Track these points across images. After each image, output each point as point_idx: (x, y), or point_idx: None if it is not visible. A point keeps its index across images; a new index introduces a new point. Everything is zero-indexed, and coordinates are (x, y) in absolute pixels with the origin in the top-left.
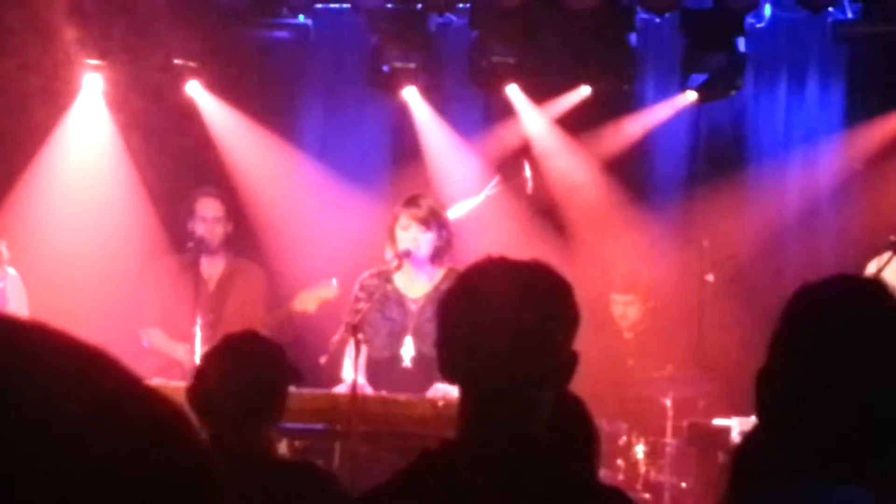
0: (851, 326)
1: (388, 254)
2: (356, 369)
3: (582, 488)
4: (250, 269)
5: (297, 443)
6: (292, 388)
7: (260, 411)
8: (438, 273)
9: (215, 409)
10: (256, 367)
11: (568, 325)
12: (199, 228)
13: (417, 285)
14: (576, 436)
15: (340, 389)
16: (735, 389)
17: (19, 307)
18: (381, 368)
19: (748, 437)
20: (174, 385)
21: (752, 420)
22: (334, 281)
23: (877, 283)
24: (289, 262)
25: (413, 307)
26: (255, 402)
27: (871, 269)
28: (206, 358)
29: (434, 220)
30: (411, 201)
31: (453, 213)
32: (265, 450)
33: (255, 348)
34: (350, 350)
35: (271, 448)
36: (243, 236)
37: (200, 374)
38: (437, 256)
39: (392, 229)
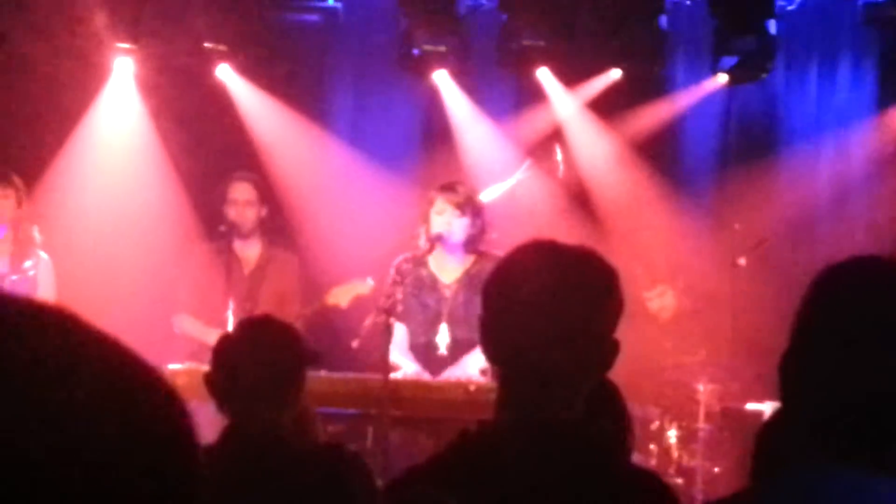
0: (875, 308)
1: (421, 237)
2: (389, 352)
3: (618, 472)
4: (285, 257)
5: (330, 427)
6: (324, 373)
7: (277, 395)
8: (469, 258)
9: (233, 394)
10: (272, 351)
11: (612, 313)
12: (231, 212)
13: (449, 270)
14: (610, 420)
15: (398, 375)
16: (767, 373)
17: (48, 291)
18: (418, 355)
19: (771, 420)
20: (204, 369)
21: None
22: (370, 280)
23: None
24: (320, 246)
25: (447, 293)
26: (271, 385)
27: None
28: (223, 342)
29: (470, 206)
30: (448, 186)
31: (485, 197)
32: (288, 432)
33: (267, 331)
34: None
35: (307, 430)
36: (274, 220)
37: (217, 359)
38: (469, 243)
39: (427, 213)
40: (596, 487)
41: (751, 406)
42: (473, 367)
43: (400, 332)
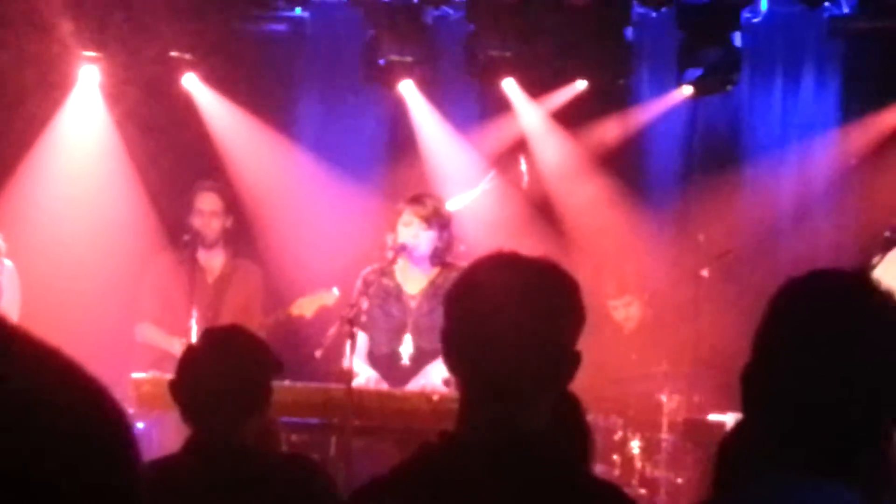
0: (835, 321)
1: (388, 247)
2: (351, 362)
3: (579, 484)
4: (249, 268)
5: (293, 437)
6: (288, 383)
7: (242, 404)
8: (435, 269)
9: (198, 403)
10: (237, 361)
11: (574, 324)
12: (197, 222)
13: (415, 281)
14: (570, 432)
15: (360, 381)
16: (730, 385)
17: (12, 298)
18: (381, 365)
19: (733, 431)
20: (168, 378)
21: None
22: (335, 290)
23: (862, 278)
24: (285, 256)
25: (412, 303)
26: (236, 396)
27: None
28: (189, 352)
29: (437, 219)
30: (416, 199)
31: (450, 207)
32: (251, 442)
33: (235, 342)
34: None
35: (268, 441)
36: (239, 230)
37: (182, 368)
38: (435, 256)
39: (394, 224)
40: (557, 499)
41: (713, 417)
42: (436, 376)
43: (362, 340)
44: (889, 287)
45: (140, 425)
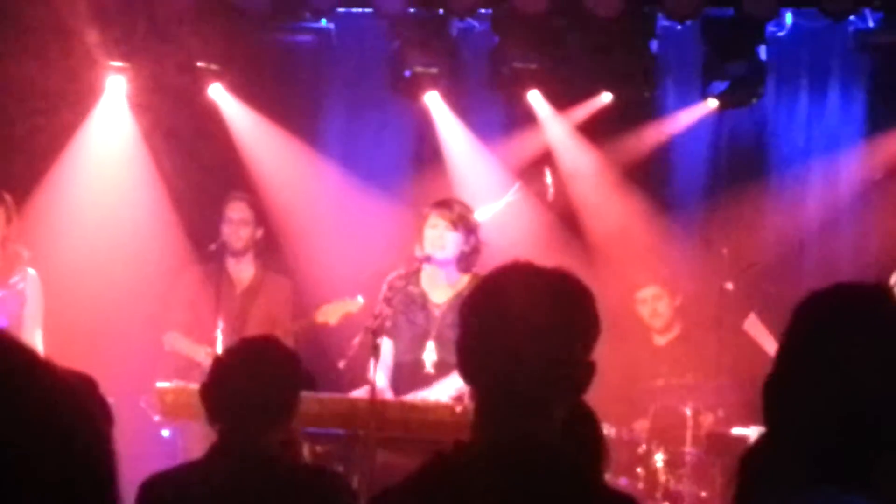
0: (858, 334)
1: (417, 253)
2: (374, 373)
3: (592, 495)
4: (278, 280)
5: (317, 447)
6: (312, 393)
7: (270, 414)
8: (463, 280)
9: (227, 409)
10: (269, 371)
11: (588, 335)
12: (225, 230)
13: (441, 290)
14: (585, 443)
15: (360, 393)
16: (754, 398)
17: (35, 307)
18: (405, 372)
19: (756, 443)
20: (192, 387)
21: None
22: (360, 298)
23: (884, 291)
24: (311, 266)
25: (436, 312)
26: (265, 405)
27: (893, 279)
28: (221, 359)
29: (463, 224)
30: (443, 203)
31: (475, 217)
32: (276, 452)
33: (269, 352)
34: (372, 353)
35: (291, 451)
36: (269, 242)
37: (214, 375)
38: (462, 261)
39: (421, 228)
40: None
41: (737, 431)
42: (445, 392)
43: (387, 348)
44: None
45: (165, 433)
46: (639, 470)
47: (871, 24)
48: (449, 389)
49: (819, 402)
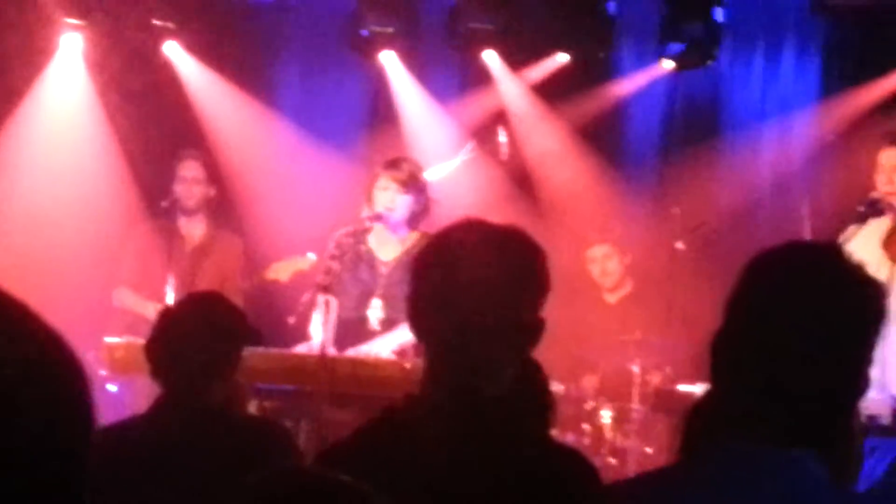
0: (805, 293)
1: (364, 213)
2: (325, 330)
3: (538, 448)
4: (229, 239)
5: (266, 403)
6: (261, 349)
7: (213, 368)
8: (411, 237)
9: (170, 364)
10: (211, 325)
11: (538, 292)
12: (178, 188)
13: (389, 248)
14: (533, 399)
15: (303, 348)
16: (702, 356)
17: None
18: (349, 329)
19: (701, 400)
20: (141, 343)
21: None
22: (311, 255)
23: (833, 250)
24: (265, 223)
25: (383, 270)
26: (208, 359)
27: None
28: (164, 313)
29: (413, 184)
30: (393, 163)
31: (429, 177)
32: (219, 406)
33: (211, 307)
34: (319, 309)
35: (235, 405)
36: (220, 198)
37: (157, 330)
38: (412, 220)
39: (370, 189)
40: (518, 463)
41: (684, 388)
42: (387, 346)
43: (333, 304)
44: (859, 260)
45: (113, 388)
46: (585, 426)
47: None
48: (391, 344)
49: (766, 359)
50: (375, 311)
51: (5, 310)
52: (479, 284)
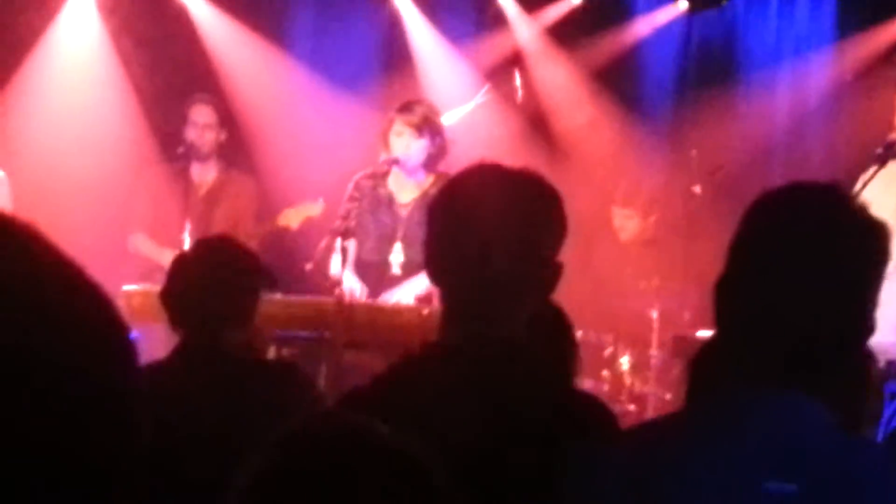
0: (808, 233)
1: (382, 157)
2: (342, 274)
3: (558, 393)
4: (241, 180)
5: (284, 350)
6: (279, 296)
7: (229, 314)
8: (429, 179)
9: (186, 311)
10: (225, 271)
11: (554, 235)
12: (191, 134)
13: (408, 190)
14: (555, 343)
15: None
16: None
17: (4, 206)
18: (370, 272)
19: (707, 344)
20: (156, 289)
21: None
22: (321, 200)
23: (836, 190)
24: (279, 168)
25: (403, 213)
26: (224, 306)
27: (858, 184)
28: (178, 260)
29: (428, 127)
30: (406, 107)
31: (444, 120)
32: (238, 351)
33: (224, 252)
34: (337, 254)
35: (254, 351)
36: (234, 143)
37: (171, 276)
38: (429, 163)
39: (386, 134)
40: (535, 409)
41: (702, 334)
42: (411, 292)
43: (351, 247)
44: (864, 201)
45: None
46: (604, 373)
47: None
48: (415, 290)
49: (772, 303)
50: (397, 256)
51: (54, 264)
52: (495, 227)
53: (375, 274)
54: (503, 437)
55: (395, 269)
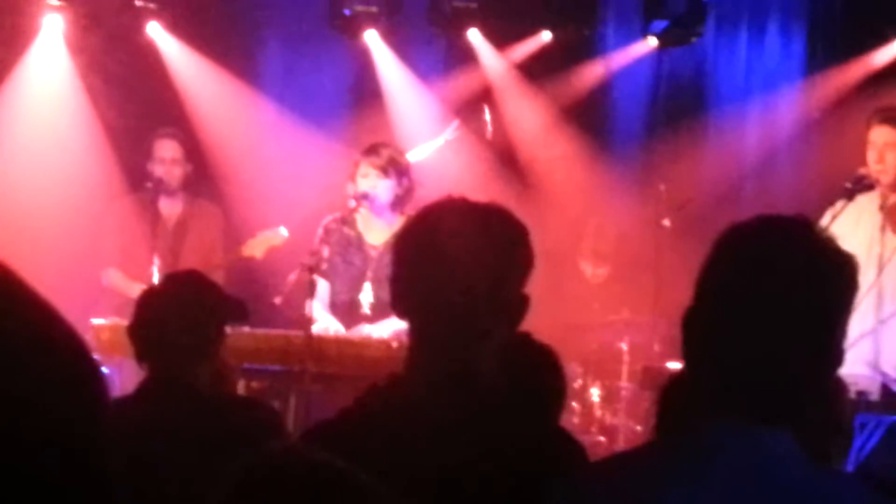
0: (776, 266)
1: (349, 191)
2: (311, 308)
3: (523, 428)
4: (208, 210)
5: (253, 383)
6: (248, 329)
7: (195, 348)
8: (398, 221)
9: (153, 346)
10: (191, 305)
11: (521, 268)
12: (158, 170)
13: (377, 232)
14: (538, 380)
15: (320, 329)
16: None
17: None
18: (341, 312)
19: (675, 377)
20: (124, 323)
21: None
22: (282, 229)
23: (804, 223)
24: (247, 204)
25: (373, 253)
26: (190, 340)
27: (826, 217)
28: (145, 295)
29: (394, 168)
30: (372, 150)
31: (413, 157)
32: (205, 386)
33: (191, 286)
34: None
35: (223, 385)
36: (202, 178)
37: (138, 310)
38: (397, 204)
39: (353, 177)
40: (501, 443)
41: (672, 365)
42: (381, 332)
43: (323, 288)
44: (833, 234)
45: (103, 370)
46: (574, 404)
47: None
48: (385, 331)
49: (738, 336)
50: (367, 296)
51: (20, 298)
52: (460, 260)
53: (345, 313)
54: (467, 472)
55: (366, 309)
